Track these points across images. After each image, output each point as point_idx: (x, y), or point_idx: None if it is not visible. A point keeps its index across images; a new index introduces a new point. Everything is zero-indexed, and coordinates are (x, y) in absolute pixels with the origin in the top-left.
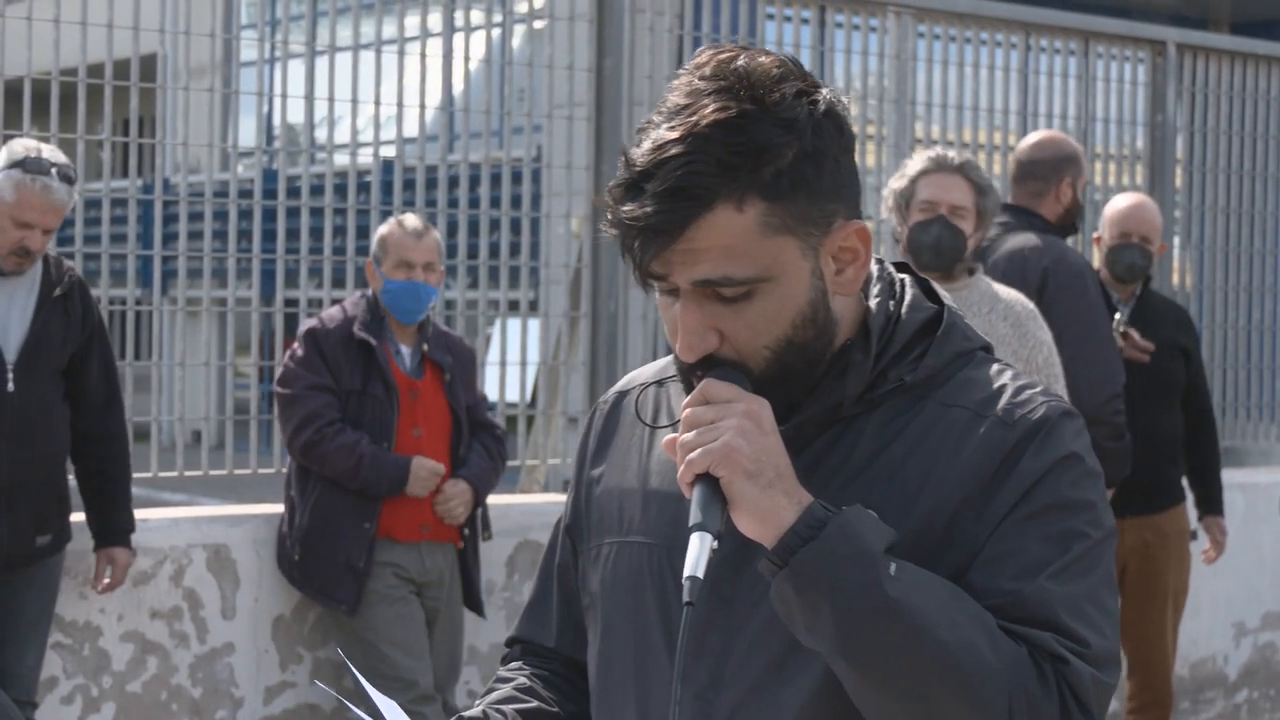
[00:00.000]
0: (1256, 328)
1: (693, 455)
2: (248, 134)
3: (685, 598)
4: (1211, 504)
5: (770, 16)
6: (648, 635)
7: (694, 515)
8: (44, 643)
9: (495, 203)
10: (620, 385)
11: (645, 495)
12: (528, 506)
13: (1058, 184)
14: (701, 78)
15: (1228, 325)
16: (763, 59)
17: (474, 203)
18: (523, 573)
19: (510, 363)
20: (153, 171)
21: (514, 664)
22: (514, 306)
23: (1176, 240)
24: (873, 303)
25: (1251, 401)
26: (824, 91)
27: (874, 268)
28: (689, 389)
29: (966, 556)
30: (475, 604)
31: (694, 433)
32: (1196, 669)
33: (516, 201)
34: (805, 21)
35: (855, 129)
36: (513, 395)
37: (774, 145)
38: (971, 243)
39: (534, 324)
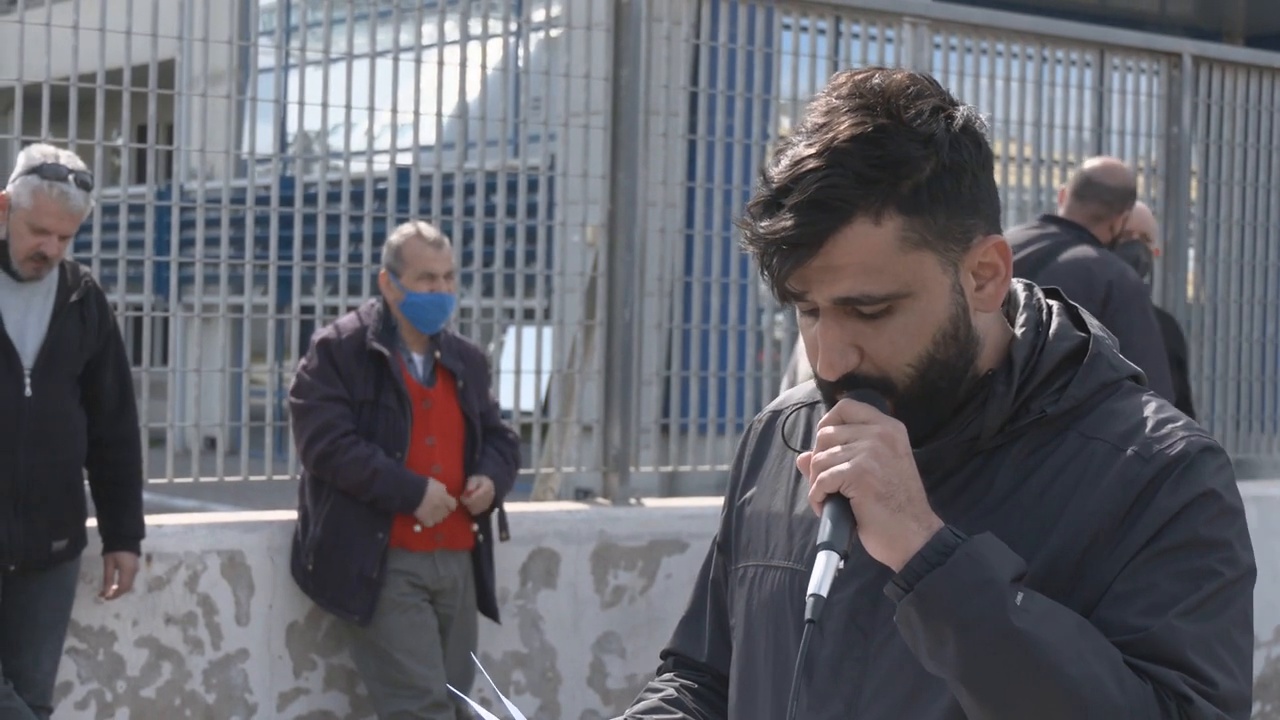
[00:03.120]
0: (1271, 340)
1: (824, 475)
2: (264, 141)
3: (807, 615)
4: None
5: (787, 27)
6: (786, 659)
7: (822, 533)
8: (59, 648)
9: (510, 211)
10: (775, 404)
11: (791, 520)
12: (541, 515)
13: (1119, 214)
14: (838, 97)
15: (1242, 338)
16: (898, 76)
17: (489, 211)
18: (536, 580)
19: (525, 371)
20: (169, 178)
21: (666, 675)
22: (529, 315)
23: (1191, 252)
24: (1018, 331)
25: (1265, 414)
26: (961, 108)
27: (1022, 294)
28: (830, 408)
29: (1097, 591)
30: (490, 609)
31: (827, 452)
32: None
33: (532, 210)
34: (821, 32)
35: None
36: (527, 403)
37: (912, 159)
38: None
39: (548, 332)
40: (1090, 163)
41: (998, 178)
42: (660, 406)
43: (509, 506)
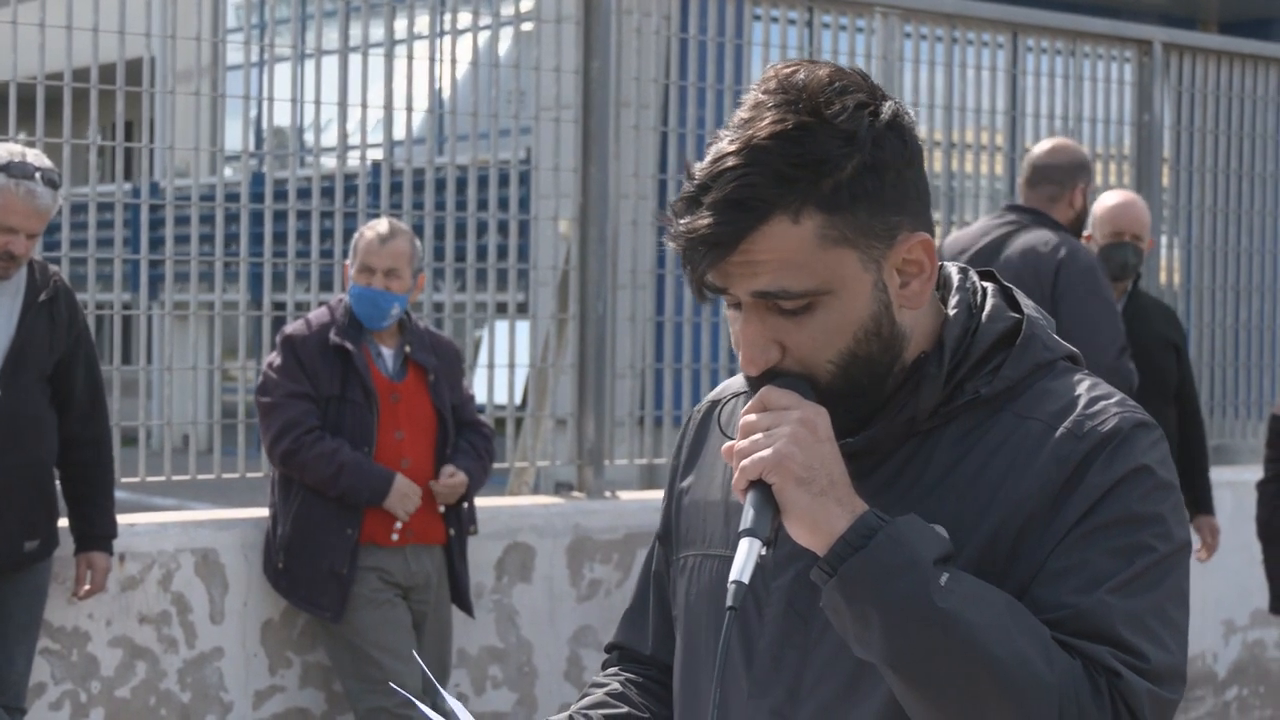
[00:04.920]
0: (1245, 326)
1: (746, 462)
2: (237, 138)
3: (729, 601)
4: (1202, 504)
5: (758, 17)
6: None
7: (744, 521)
8: (33, 648)
9: (483, 205)
10: (714, 394)
11: (726, 508)
12: (516, 509)
13: (1072, 189)
14: (765, 91)
15: (1215, 324)
16: (822, 71)
17: (462, 205)
18: (512, 575)
19: (499, 365)
20: (139, 176)
21: (611, 669)
22: (503, 309)
23: (1164, 239)
24: (951, 313)
25: (1240, 399)
26: (888, 104)
27: (956, 277)
28: None
29: (1033, 570)
30: (463, 603)
31: (749, 439)
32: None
33: (504, 204)
34: (792, 23)
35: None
36: (501, 397)
37: (832, 157)
38: None
39: (523, 326)
40: (1036, 148)
41: (970, 166)
42: (635, 399)
43: (485, 501)
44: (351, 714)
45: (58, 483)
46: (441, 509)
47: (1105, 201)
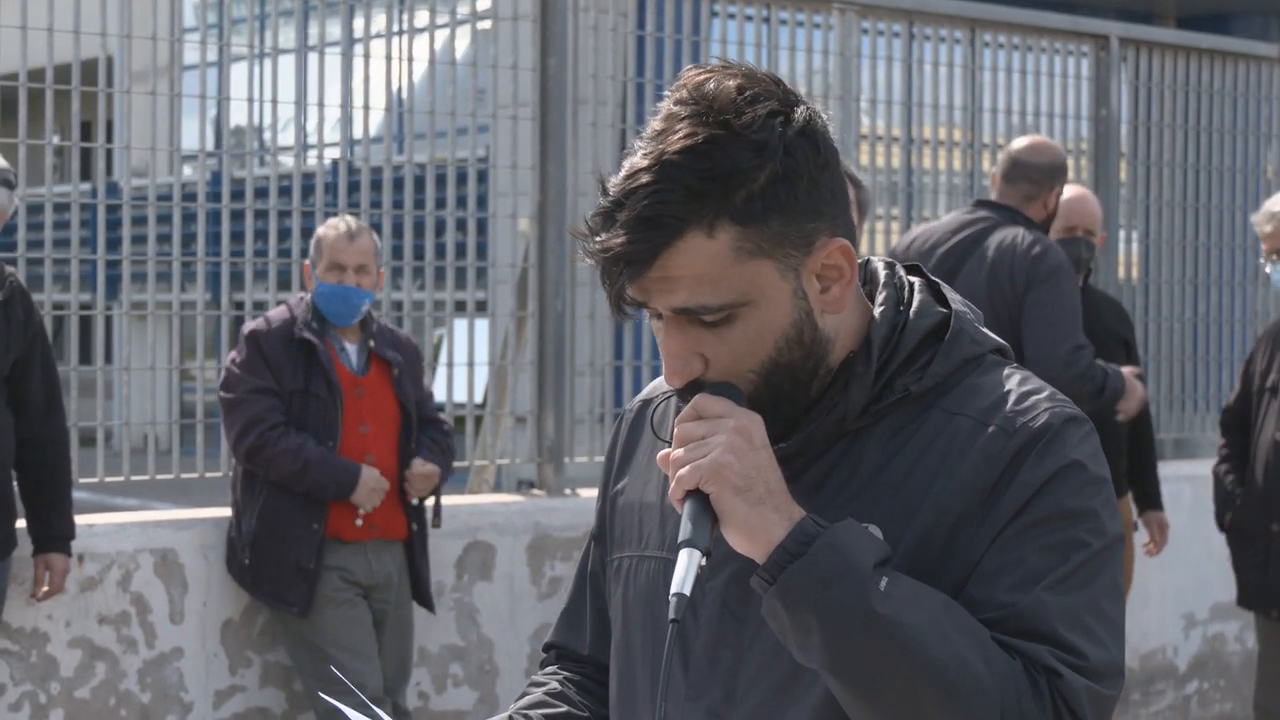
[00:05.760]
0: (1203, 320)
1: (682, 471)
2: (195, 138)
3: (671, 614)
4: (1151, 499)
5: (715, 14)
6: (663, 650)
7: (683, 531)
8: None
9: (441, 203)
10: (644, 393)
11: (663, 510)
12: (476, 507)
13: (1049, 190)
14: (677, 101)
15: (1174, 318)
16: (731, 81)
17: (420, 204)
18: (472, 573)
19: (459, 363)
20: (97, 176)
21: (549, 669)
22: (462, 307)
23: (1122, 234)
24: (878, 310)
25: (1199, 394)
26: (800, 109)
27: (883, 273)
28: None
29: (967, 569)
30: (425, 599)
31: (684, 449)
32: (1146, 661)
33: (463, 202)
34: (749, 19)
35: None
36: (461, 395)
37: (743, 169)
38: (862, 235)
39: (482, 324)
40: (1016, 143)
41: (928, 162)
42: (595, 396)
43: (445, 499)
44: (312, 713)
45: (15, 484)
46: (415, 501)
47: None
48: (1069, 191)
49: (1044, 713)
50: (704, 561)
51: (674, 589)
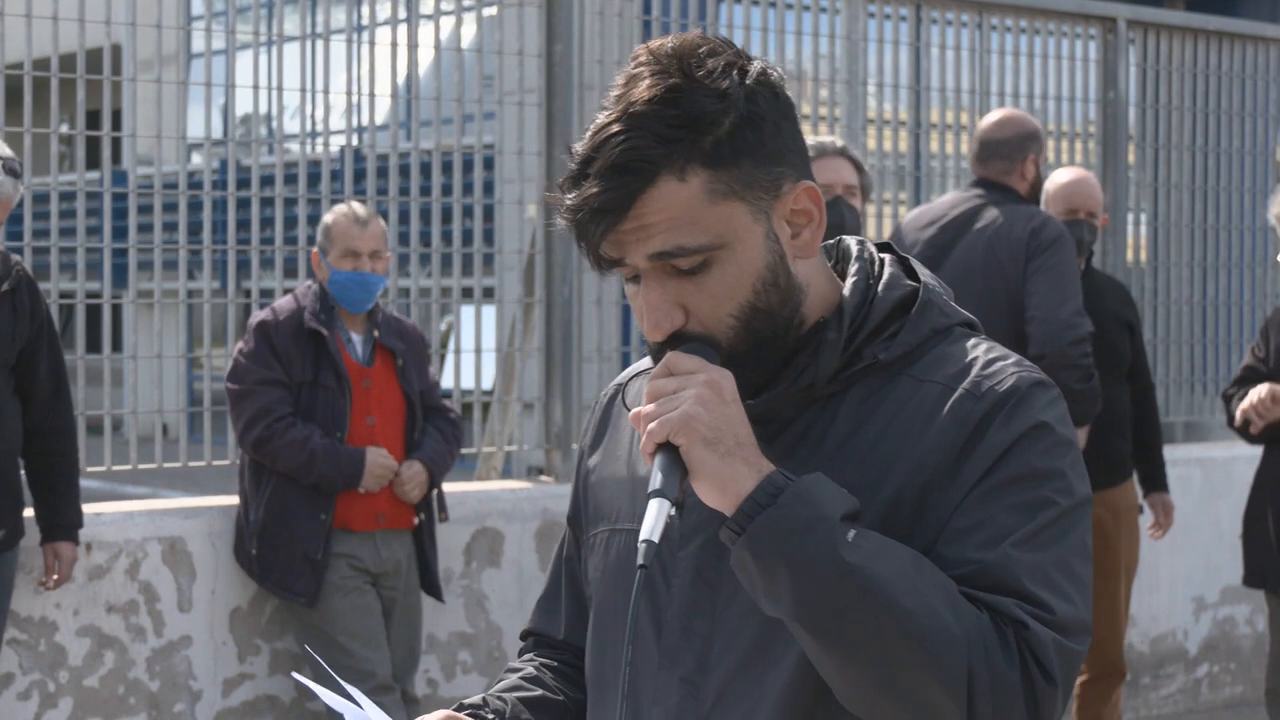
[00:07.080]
0: (1212, 303)
1: (653, 425)
2: (202, 126)
3: (639, 560)
4: (1156, 481)
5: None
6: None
7: (653, 482)
8: None
9: (448, 190)
10: (619, 378)
11: (634, 482)
12: (485, 494)
13: (1023, 161)
14: (637, 65)
15: (1183, 300)
16: (690, 37)
17: (427, 190)
18: (480, 560)
19: (466, 350)
20: (104, 165)
21: (526, 655)
22: (469, 294)
23: (1130, 216)
24: (850, 281)
25: (1208, 376)
26: (755, 62)
27: (855, 249)
28: None
29: (937, 529)
30: (433, 589)
31: (655, 403)
32: (1156, 644)
33: (469, 189)
34: (756, 3)
35: (808, 110)
36: (469, 382)
37: (709, 114)
38: (867, 219)
39: (490, 311)
40: (982, 123)
41: (935, 146)
42: (602, 382)
43: (453, 486)
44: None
45: (23, 473)
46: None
47: (1058, 179)
48: (1069, 174)
49: (1011, 664)
50: (673, 512)
51: (643, 535)
